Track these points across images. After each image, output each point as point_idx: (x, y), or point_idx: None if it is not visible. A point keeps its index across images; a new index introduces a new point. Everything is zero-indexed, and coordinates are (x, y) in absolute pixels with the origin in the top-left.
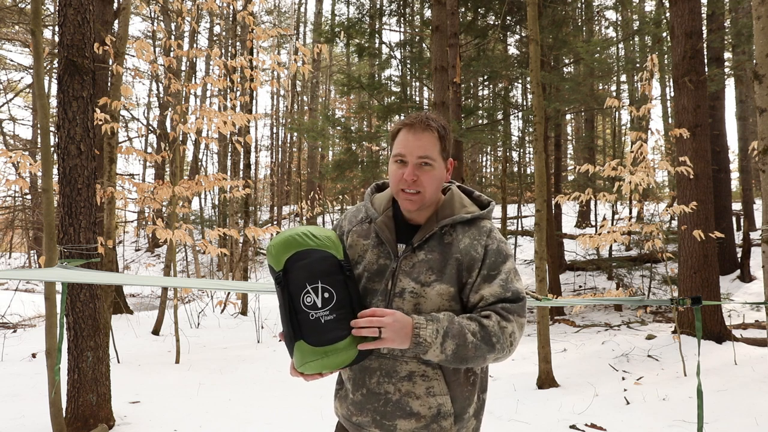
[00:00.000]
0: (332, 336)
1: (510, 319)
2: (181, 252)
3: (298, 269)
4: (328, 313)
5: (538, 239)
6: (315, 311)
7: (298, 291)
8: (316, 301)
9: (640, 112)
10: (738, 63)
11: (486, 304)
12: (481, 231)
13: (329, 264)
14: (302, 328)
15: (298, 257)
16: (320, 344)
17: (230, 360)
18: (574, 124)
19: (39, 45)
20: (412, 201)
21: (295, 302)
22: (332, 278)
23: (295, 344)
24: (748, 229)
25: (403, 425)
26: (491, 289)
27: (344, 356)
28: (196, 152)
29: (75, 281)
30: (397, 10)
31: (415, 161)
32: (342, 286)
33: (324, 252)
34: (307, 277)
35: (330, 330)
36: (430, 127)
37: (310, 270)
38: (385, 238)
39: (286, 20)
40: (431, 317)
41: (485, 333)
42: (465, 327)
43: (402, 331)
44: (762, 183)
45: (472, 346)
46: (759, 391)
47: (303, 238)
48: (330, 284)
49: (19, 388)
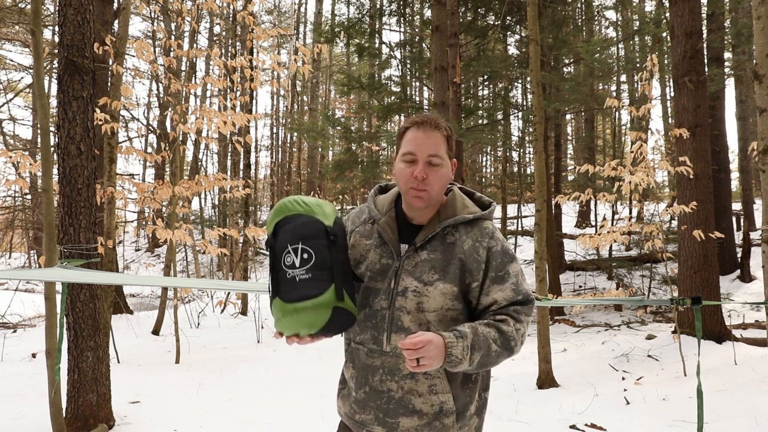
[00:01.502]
0: (303, 293)
1: (522, 320)
2: (181, 252)
3: (284, 232)
4: (304, 273)
5: (538, 239)
6: (293, 270)
7: (281, 251)
8: (294, 260)
9: (640, 112)
10: (738, 63)
11: (499, 308)
12: (483, 232)
13: (314, 228)
14: (280, 285)
15: (285, 221)
16: (291, 301)
17: (230, 360)
18: (574, 124)
19: (39, 45)
20: (419, 198)
21: (278, 262)
22: (314, 241)
23: (273, 302)
24: (748, 229)
25: (406, 423)
26: (504, 294)
27: (314, 316)
28: (196, 152)
29: (75, 281)
30: (397, 10)
31: (425, 159)
32: (323, 249)
33: (310, 217)
34: (290, 239)
35: (302, 288)
36: (439, 126)
37: (293, 232)
38: (387, 238)
39: (286, 20)
40: (459, 333)
41: (504, 339)
42: (488, 336)
43: (438, 353)
44: (762, 183)
45: (495, 354)
46: (759, 391)
47: (293, 204)
48: (311, 246)
49: (19, 388)
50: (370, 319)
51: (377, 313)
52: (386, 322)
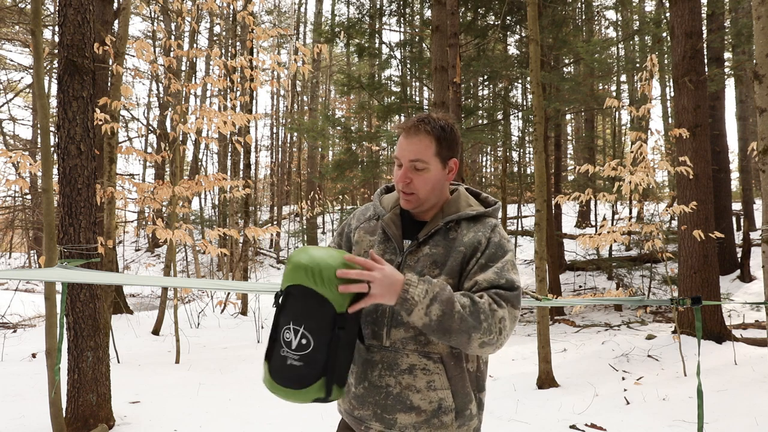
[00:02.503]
0: (288, 381)
1: (502, 305)
2: (181, 252)
3: (292, 302)
4: (297, 359)
5: (538, 239)
6: (288, 350)
7: (284, 323)
8: (292, 341)
9: (640, 112)
10: (738, 63)
11: (479, 289)
12: (486, 225)
13: (322, 315)
14: (273, 354)
15: (299, 290)
16: (276, 380)
17: (230, 360)
18: (574, 124)
19: (39, 45)
20: (408, 201)
21: (278, 329)
22: (317, 330)
23: (264, 361)
24: (748, 229)
25: (404, 419)
26: (485, 275)
27: (294, 399)
28: (196, 152)
29: (75, 281)
30: (397, 10)
31: (407, 164)
32: (323, 342)
33: (324, 300)
34: (295, 316)
35: (290, 374)
36: (423, 130)
37: (300, 311)
38: (391, 234)
39: (286, 20)
40: (424, 279)
41: (475, 308)
42: (456, 297)
43: (391, 287)
44: (762, 183)
45: (458, 317)
46: (759, 391)
47: (311, 277)
48: (312, 334)
49: (19, 388)
50: (371, 315)
51: (378, 308)
52: (387, 317)
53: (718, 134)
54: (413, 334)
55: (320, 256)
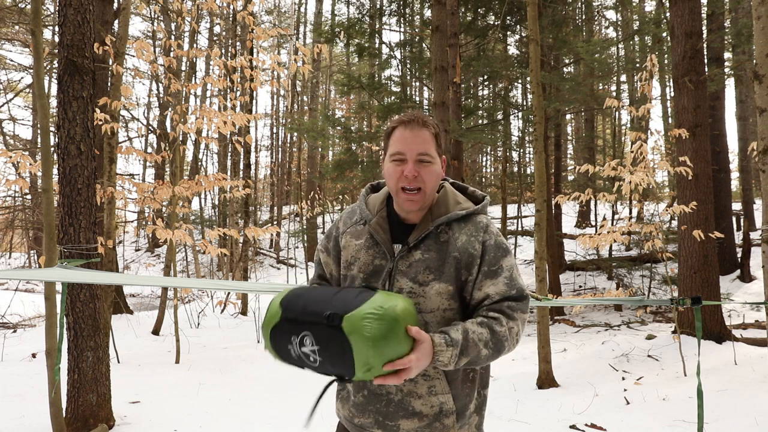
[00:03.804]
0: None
1: (515, 317)
2: (181, 252)
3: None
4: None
5: (538, 239)
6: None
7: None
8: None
9: (640, 112)
10: (738, 63)
11: (491, 302)
12: (477, 227)
13: (341, 358)
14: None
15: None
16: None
17: (230, 360)
18: (574, 124)
19: (39, 45)
20: (413, 201)
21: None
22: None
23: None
24: (748, 229)
25: (406, 425)
26: (497, 288)
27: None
28: (196, 152)
29: (75, 281)
30: (397, 10)
31: (415, 158)
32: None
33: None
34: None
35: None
36: (427, 124)
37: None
38: (380, 239)
39: (286, 20)
40: (450, 340)
41: (496, 340)
42: (479, 340)
43: (424, 363)
44: (762, 183)
45: (484, 357)
46: (759, 391)
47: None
48: (321, 356)
49: (19, 388)
50: None
51: None
52: None
53: (718, 134)
54: None
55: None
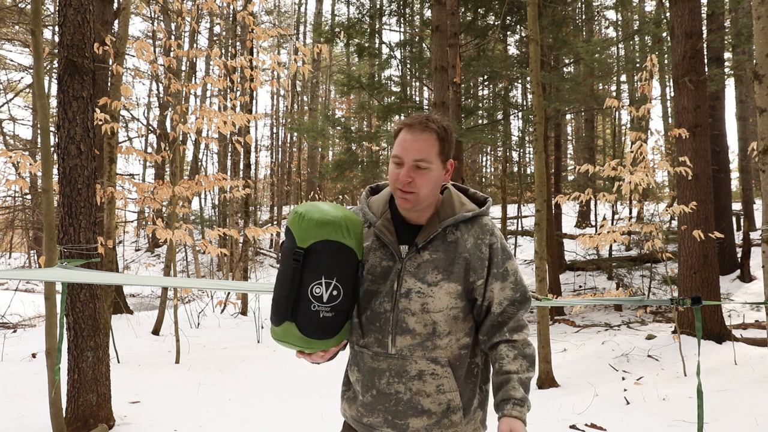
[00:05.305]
0: (323, 333)
1: (525, 324)
2: (181, 252)
3: (321, 258)
4: (329, 310)
5: (538, 239)
6: (319, 304)
7: (311, 279)
8: (323, 295)
9: (640, 112)
10: (738, 63)
11: (500, 307)
12: (483, 229)
13: (350, 265)
14: (299, 312)
15: (327, 246)
16: (310, 335)
17: (230, 360)
18: (574, 124)
19: (39, 45)
20: (406, 200)
21: (303, 287)
22: (346, 279)
23: (285, 322)
24: (748, 229)
25: (415, 423)
26: (504, 293)
27: (323, 347)
28: (196, 152)
29: (75, 281)
30: (397, 10)
31: (410, 163)
32: (351, 290)
33: (352, 251)
34: (326, 270)
35: (324, 326)
36: (429, 128)
37: (332, 264)
38: (387, 241)
39: (286, 20)
40: (520, 401)
41: (530, 361)
42: (527, 376)
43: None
44: (762, 183)
45: (530, 384)
46: (759, 391)
47: (340, 231)
48: (342, 284)
49: (19, 388)
50: (374, 322)
51: (380, 316)
52: (390, 325)
53: (718, 134)
54: (420, 340)
55: (336, 210)
